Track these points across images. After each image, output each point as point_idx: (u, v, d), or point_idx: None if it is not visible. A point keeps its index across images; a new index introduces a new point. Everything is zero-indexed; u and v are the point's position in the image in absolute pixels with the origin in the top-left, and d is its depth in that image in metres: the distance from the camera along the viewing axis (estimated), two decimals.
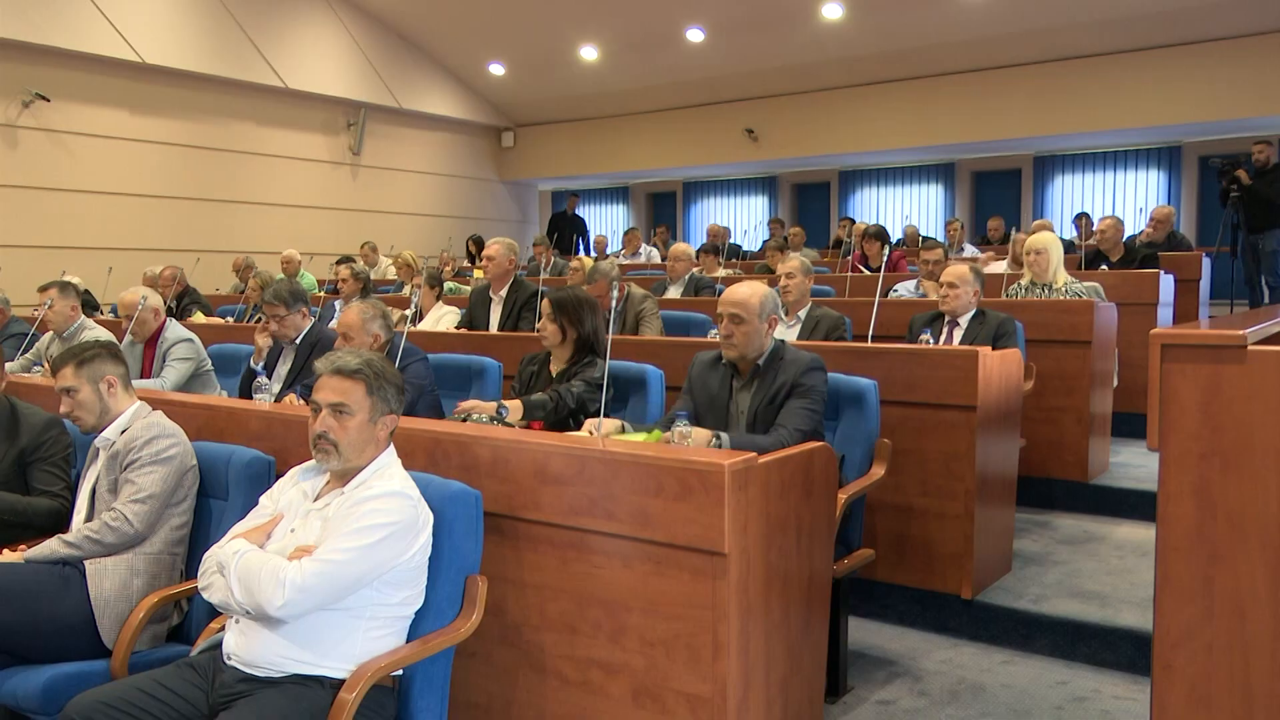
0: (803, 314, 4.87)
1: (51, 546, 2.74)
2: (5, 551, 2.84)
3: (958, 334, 4.66)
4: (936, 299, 4.86)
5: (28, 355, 5.44)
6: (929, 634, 3.74)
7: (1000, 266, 7.23)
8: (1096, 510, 4.75)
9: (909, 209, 13.82)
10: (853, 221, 11.62)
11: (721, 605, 2.30)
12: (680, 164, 14.48)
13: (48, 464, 3.16)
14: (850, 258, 8.16)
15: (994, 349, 3.91)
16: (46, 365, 4.60)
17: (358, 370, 2.36)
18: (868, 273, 7.54)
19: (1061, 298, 5.21)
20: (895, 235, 11.23)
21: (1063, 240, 7.07)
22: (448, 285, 7.81)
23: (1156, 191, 12.18)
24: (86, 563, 2.70)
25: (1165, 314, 5.89)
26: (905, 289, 6.38)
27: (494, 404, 3.43)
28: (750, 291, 3.21)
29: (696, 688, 2.33)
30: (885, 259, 7.54)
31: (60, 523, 2.98)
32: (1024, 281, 5.55)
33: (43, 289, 5.55)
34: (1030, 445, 4.64)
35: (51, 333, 5.38)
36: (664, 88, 13.44)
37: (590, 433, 2.97)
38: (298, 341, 4.48)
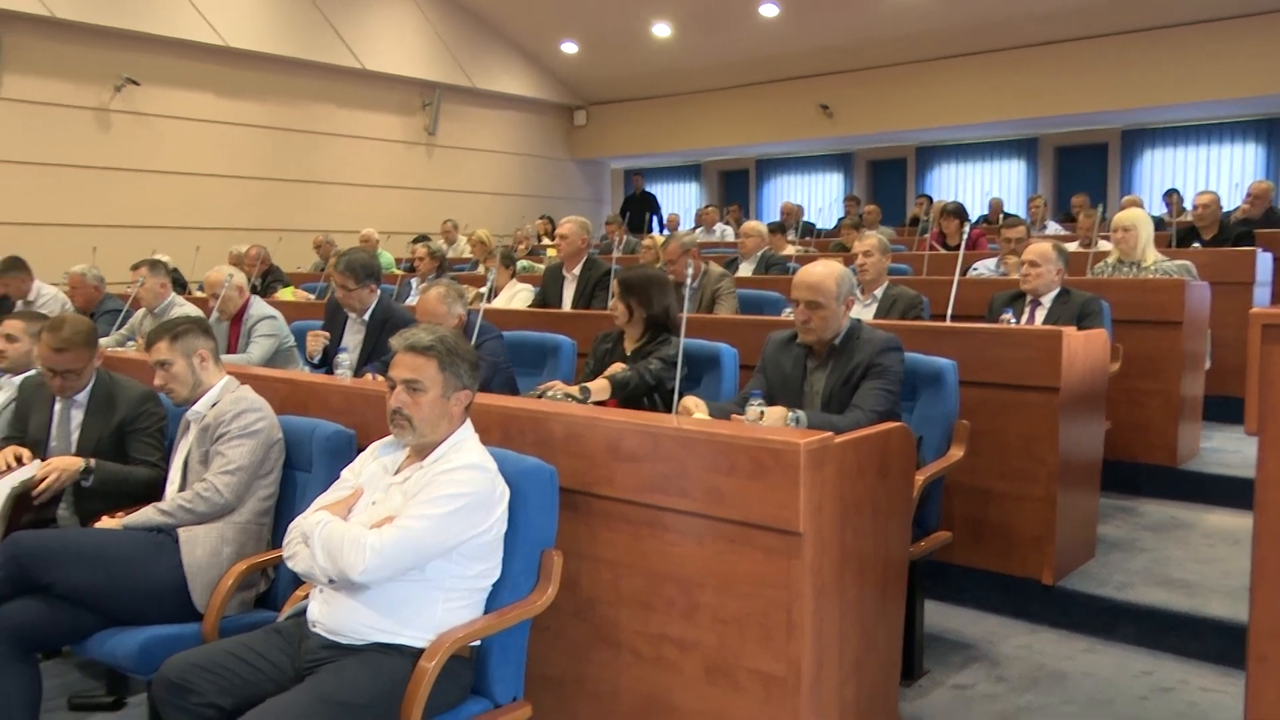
0: (879, 293, 4.79)
1: (147, 514, 2.85)
2: (105, 519, 2.96)
3: (1040, 314, 4.55)
4: (1018, 278, 4.74)
5: (122, 331, 5.64)
6: (1007, 619, 3.68)
7: (1074, 246, 7.02)
8: (1185, 496, 4.60)
9: (989, 185, 13.49)
10: (930, 199, 11.39)
11: (796, 585, 2.28)
12: (753, 141, 14.34)
13: (145, 435, 3.29)
14: (927, 236, 8.00)
15: (1079, 329, 3.81)
16: (140, 340, 4.76)
17: (430, 347, 2.39)
18: (945, 251, 7.39)
19: (1150, 276, 5.05)
20: (974, 213, 10.98)
21: (1152, 218, 6.83)
22: (521, 263, 7.87)
23: (1253, 166, 11.68)
24: (179, 530, 2.81)
25: (1262, 294, 5.66)
26: (985, 267, 6.24)
27: (576, 387, 3.45)
28: (826, 273, 3.16)
29: (770, 666, 2.33)
30: (965, 237, 7.38)
31: (157, 491, 3.09)
32: (1111, 260, 5.38)
33: (135, 267, 5.74)
34: (1116, 428, 4.51)
35: (144, 309, 5.57)
36: (737, 64, 13.31)
37: (689, 411, 2.94)
38: (366, 317, 4.54)
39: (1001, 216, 9.60)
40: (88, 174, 10.03)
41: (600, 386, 3.50)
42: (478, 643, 2.35)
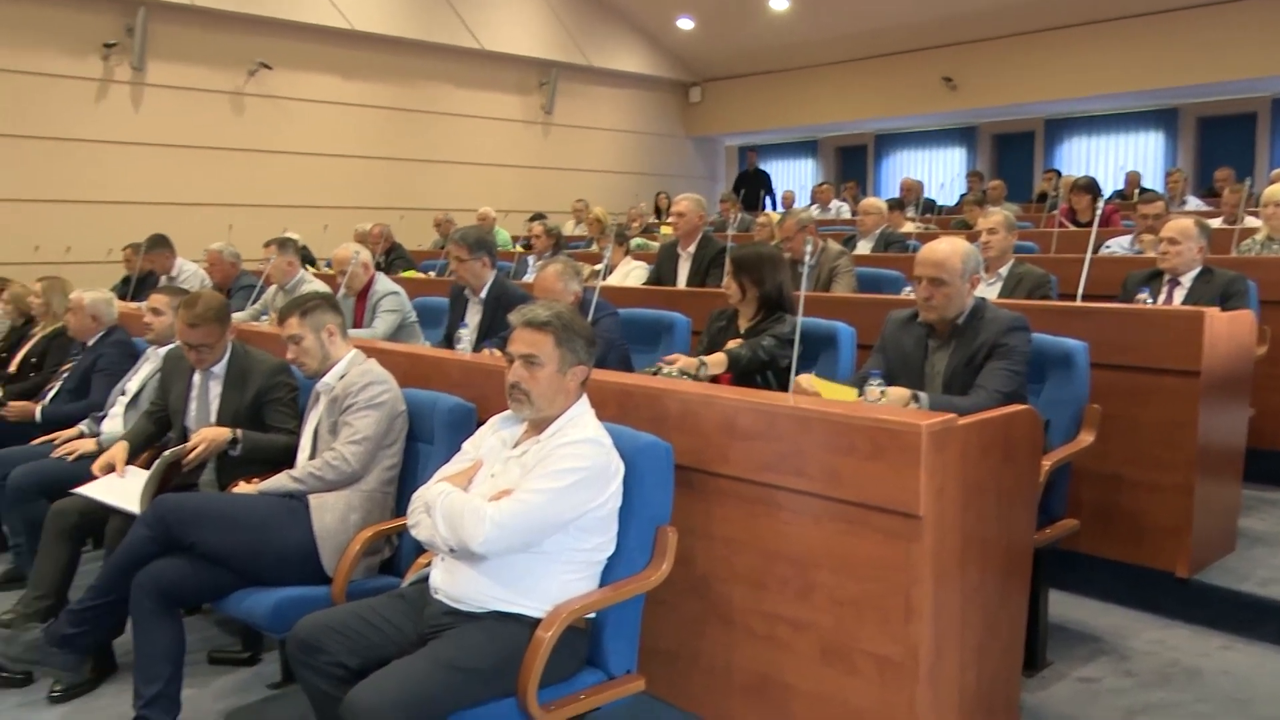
0: (1004, 271, 4.63)
1: (281, 481, 2.98)
2: (242, 484, 3.12)
3: (1179, 294, 4.32)
4: (1155, 256, 4.51)
5: (256, 305, 5.91)
6: (1137, 612, 3.53)
7: (1217, 222, 6.63)
8: None
9: (1123, 159, 12.84)
10: (1059, 173, 10.92)
11: (915, 568, 2.24)
12: (872, 115, 14.01)
13: (280, 405, 3.45)
14: (1056, 212, 7.69)
15: (1222, 310, 3.60)
16: (273, 315, 4.98)
17: (547, 323, 2.42)
18: (1075, 227, 7.08)
19: None
20: (1106, 188, 10.47)
21: None
22: (635, 241, 7.90)
23: None
24: (310, 497, 2.93)
25: None
26: (1119, 245, 5.95)
27: (696, 360, 3.45)
28: (950, 250, 3.07)
29: (887, 649, 2.29)
30: (1098, 213, 7.05)
31: (293, 457, 3.23)
32: (1259, 237, 5.07)
33: (267, 245, 6.00)
34: (1261, 415, 4.24)
35: (276, 285, 5.81)
36: (856, 36, 12.99)
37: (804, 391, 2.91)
38: (483, 295, 4.62)
39: (1138, 191, 9.15)
40: (224, 155, 10.50)
41: (717, 360, 3.49)
42: (593, 615, 2.38)
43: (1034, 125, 13.67)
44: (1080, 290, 4.13)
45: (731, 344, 3.60)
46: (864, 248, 7.02)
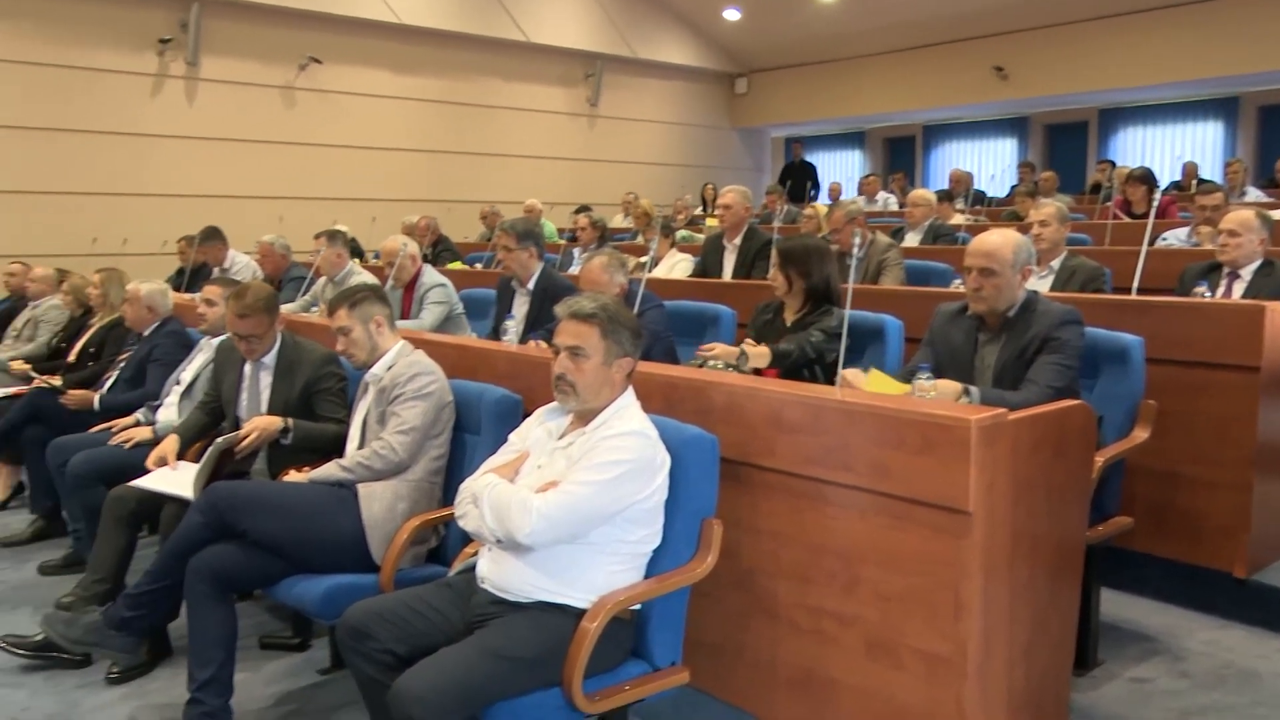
0: (1056, 264, 4.56)
1: (330, 470, 3.03)
2: (292, 472, 3.17)
3: (1239, 287, 4.21)
4: (1213, 248, 4.40)
5: (305, 297, 5.99)
6: (1192, 612, 3.46)
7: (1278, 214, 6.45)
8: None
9: (1180, 149, 12.54)
10: (1113, 164, 10.71)
11: (964, 564, 2.21)
12: (921, 106, 13.82)
13: (330, 395, 3.49)
14: (1110, 204, 7.54)
15: None
16: (322, 306, 5.04)
17: (593, 314, 2.43)
18: (1130, 219, 6.94)
19: None
20: (1162, 179, 10.24)
21: None
22: (681, 233, 7.88)
23: None
24: (359, 486, 2.96)
25: None
26: (1175, 237, 5.83)
27: (736, 349, 3.44)
28: (1002, 240, 3.03)
29: (935, 646, 2.27)
30: (1154, 205, 6.91)
31: (342, 447, 3.27)
32: None
33: (316, 237, 6.08)
34: None
35: (325, 277, 5.89)
36: (905, 26, 12.82)
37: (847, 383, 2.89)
38: (530, 286, 4.64)
39: (1195, 182, 8.94)
40: (275, 149, 10.65)
41: (760, 352, 3.47)
42: (638, 607, 2.39)
43: (1088, 115, 13.40)
44: (1135, 284, 4.05)
45: (781, 346, 3.56)
46: (912, 240, 6.94)
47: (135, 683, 3.25)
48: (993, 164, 14.11)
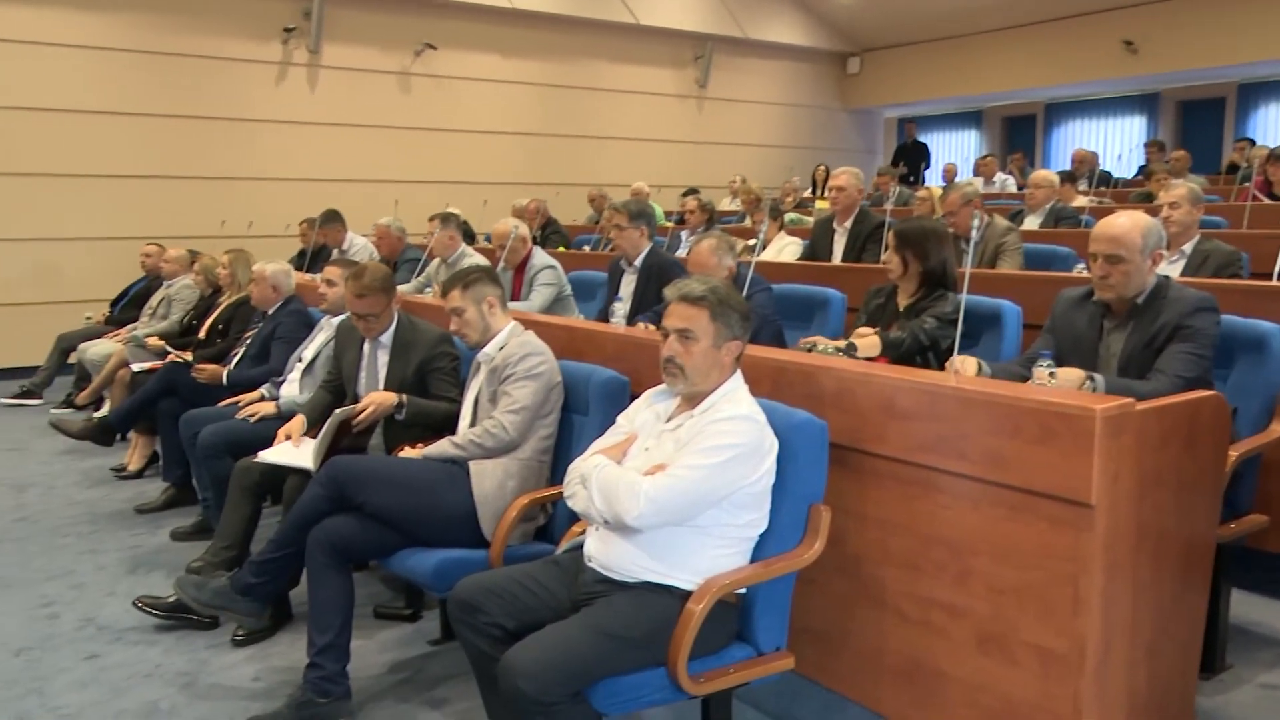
0: (1188, 248, 4.33)
1: (443, 447, 3.10)
2: (406, 448, 3.26)
3: None
4: None
5: (420, 278, 6.14)
6: None
7: None
8: None
9: None
10: (1252, 143, 10.12)
11: (1084, 559, 2.13)
12: (1043, 84, 13.28)
13: (443, 373, 3.58)
14: (1249, 184, 7.12)
15: None
16: (436, 287, 5.16)
17: (702, 297, 2.42)
18: (1271, 201, 6.55)
19: None
20: None
21: None
22: (789, 216, 7.79)
23: None
24: (470, 463, 3.03)
25: None
26: None
27: (843, 341, 3.38)
28: (1130, 225, 2.88)
29: (1050, 642, 2.19)
30: None
31: (454, 424, 3.36)
32: None
33: (431, 219, 6.22)
34: None
35: (438, 259, 6.03)
36: (1027, 0, 12.34)
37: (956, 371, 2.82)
38: (638, 264, 4.68)
39: None
40: (391, 133, 10.93)
41: (870, 343, 3.40)
42: (744, 590, 2.38)
43: (1225, 90, 12.68)
44: (1277, 269, 3.83)
45: (893, 335, 3.49)
46: (1031, 223, 6.69)
47: (259, 645, 3.41)
48: (1119, 143, 13.50)
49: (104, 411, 5.97)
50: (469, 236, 8.52)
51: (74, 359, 7.24)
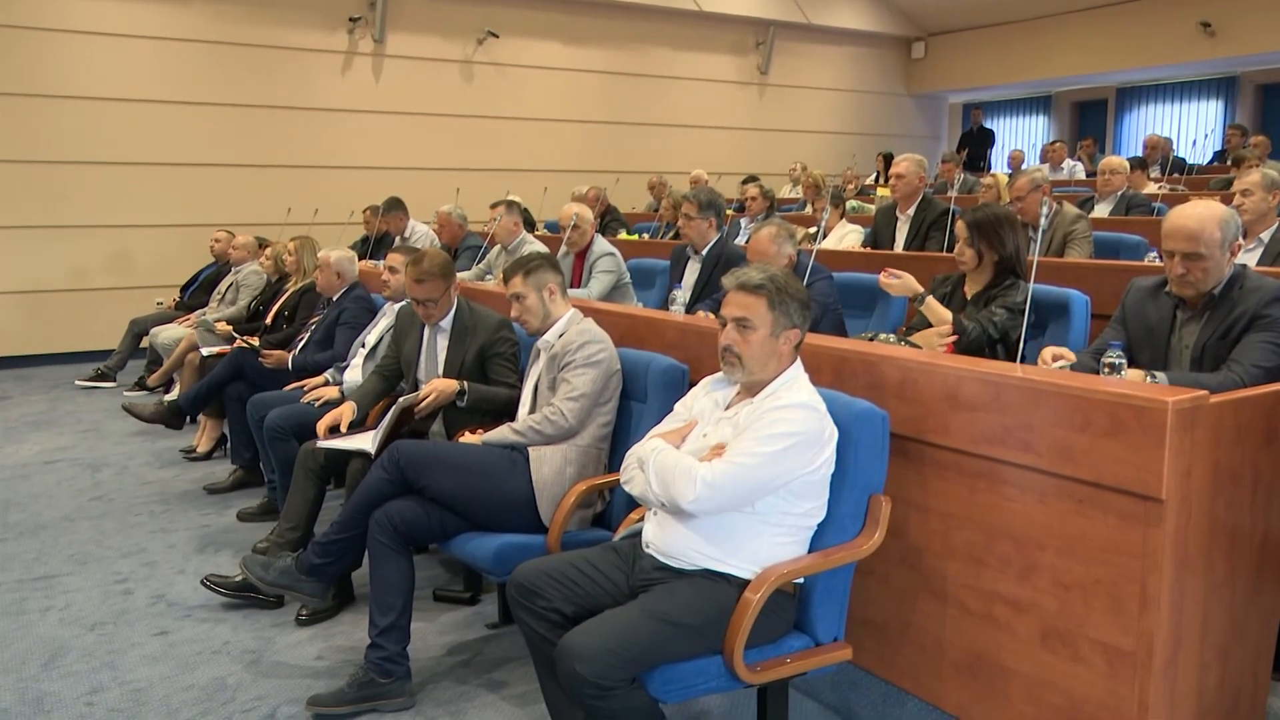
0: (1265, 236, 4.19)
1: (503, 433, 3.13)
2: (466, 434, 3.30)
3: None
4: None
5: (480, 265, 6.20)
6: None
7: None
8: None
9: None
10: None
11: (1154, 555, 2.08)
12: (1115, 68, 12.93)
13: (502, 360, 3.61)
14: None
15: None
16: (496, 274, 5.20)
17: (760, 286, 2.40)
18: None
19: None
20: None
21: None
22: (851, 204, 7.70)
23: None
24: (530, 449, 3.06)
25: None
26: None
27: (919, 287, 3.36)
28: (1206, 217, 2.74)
29: (1117, 640, 2.15)
30: None
31: (513, 410, 3.38)
32: None
33: (493, 207, 6.27)
34: None
35: (499, 245, 6.07)
36: None
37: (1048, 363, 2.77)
38: (704, 253, 4.68)
39: None
40: (453, 122, 11.02)
41: (942, 315, 3.37)
42: (802, 580, 2.37)
43: None
44: None
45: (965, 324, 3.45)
46: (1101, 211, 6.53)
47: (322, 625, 3.48)
48: (1194, 128, 13.09)
49: (174, 395, 6.13)
50: (529, 224, 8.56)
51: (146, 343, 7.46)
